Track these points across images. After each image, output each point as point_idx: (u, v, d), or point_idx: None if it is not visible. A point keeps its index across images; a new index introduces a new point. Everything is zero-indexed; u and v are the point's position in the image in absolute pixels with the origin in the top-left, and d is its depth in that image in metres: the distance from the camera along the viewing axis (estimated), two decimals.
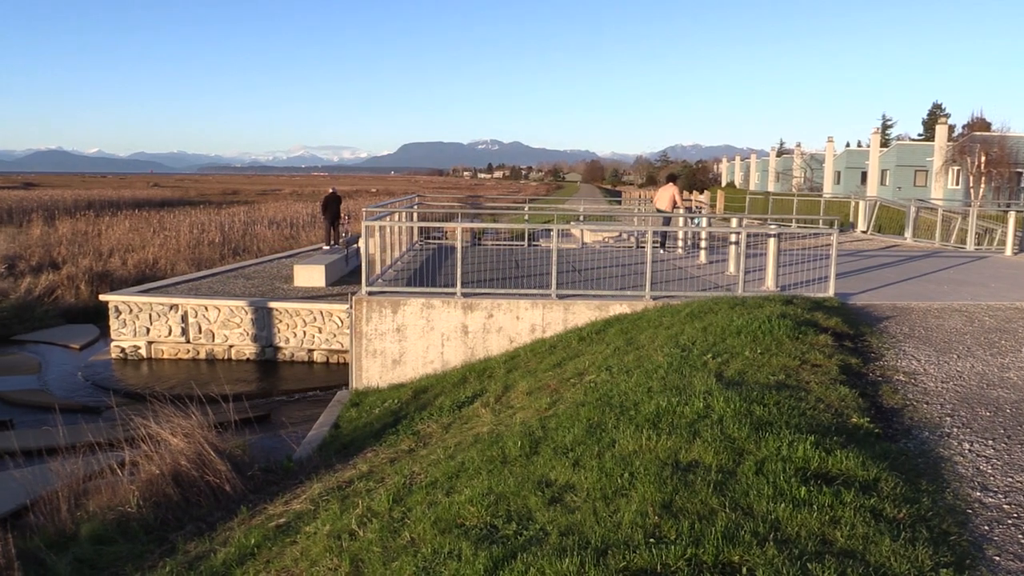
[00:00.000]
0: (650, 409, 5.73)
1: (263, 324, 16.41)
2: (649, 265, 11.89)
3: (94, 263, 25.23)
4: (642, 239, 19.25)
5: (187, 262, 26.75)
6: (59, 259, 26.65)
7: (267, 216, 43.83)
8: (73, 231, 34.82)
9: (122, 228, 35.57)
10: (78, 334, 18.97)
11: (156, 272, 24.78)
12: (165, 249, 28.74)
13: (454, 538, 4.32)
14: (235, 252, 30.51)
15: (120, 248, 28.95)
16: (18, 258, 26.10)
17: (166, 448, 8.01)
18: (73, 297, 21.81)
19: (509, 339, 11.80)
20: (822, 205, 30.14)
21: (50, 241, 31.18)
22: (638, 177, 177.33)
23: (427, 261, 15.65)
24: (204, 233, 33.83)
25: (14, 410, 13.30)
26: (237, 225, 38.18)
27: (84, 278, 22.94)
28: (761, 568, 3.50)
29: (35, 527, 7.39)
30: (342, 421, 10.56)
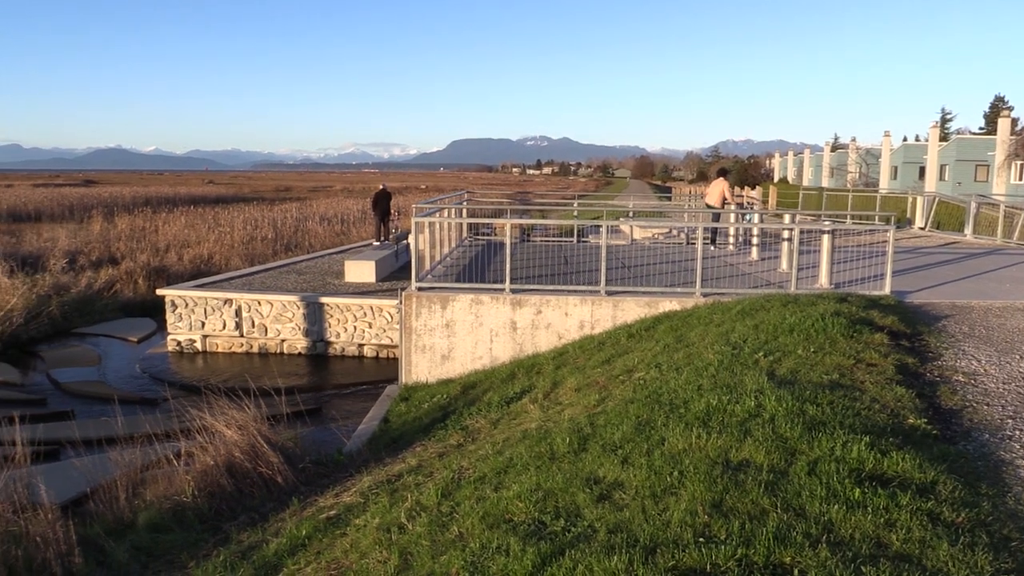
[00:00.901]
0: (700, 407, 5.68)
1: (314, 319, 16.63)
2: (699, 262, 11.77)
3: (151, 258, 25.84)
4: (692, 235, 19.06)
5: (241, 257, 27.24)
6: (118, 254, 27.36)
7: (318, 212, 44.43)
8: (131, 227, 35.72)
9: (178, 224, 36.35)
10: (136, 327, 19.45)
11: (211, 267, 25.28)
12: (220, 245, 29.30)
13: (502, 533, 4.33)
14: (287, 248, 30.98)
15: (176, 244, 29.60)
16: (79, 253, 26.84)
17: (220, 440, 8.17)
18: (131, 291, 22.36)
19: (558, 335, 11.79)
20: (878, 201, 29.52)
21: (109, 237, 32.02)
22: (688, 173, 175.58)
23: (476, 257, 15.71)
24: (257, 229, 34.41)
25: (75, 401, 13.69)
26: (289, 221, 38.76)
27: (142, 273, 23.50)
28: (813, 570, 3.45)
29: (95, 514, 7.59)
30: (391, 415, 10.66)
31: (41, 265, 23.32)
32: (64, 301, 19.73)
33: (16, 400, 13.49)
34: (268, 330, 16.78)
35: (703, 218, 18.44)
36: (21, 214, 46.21)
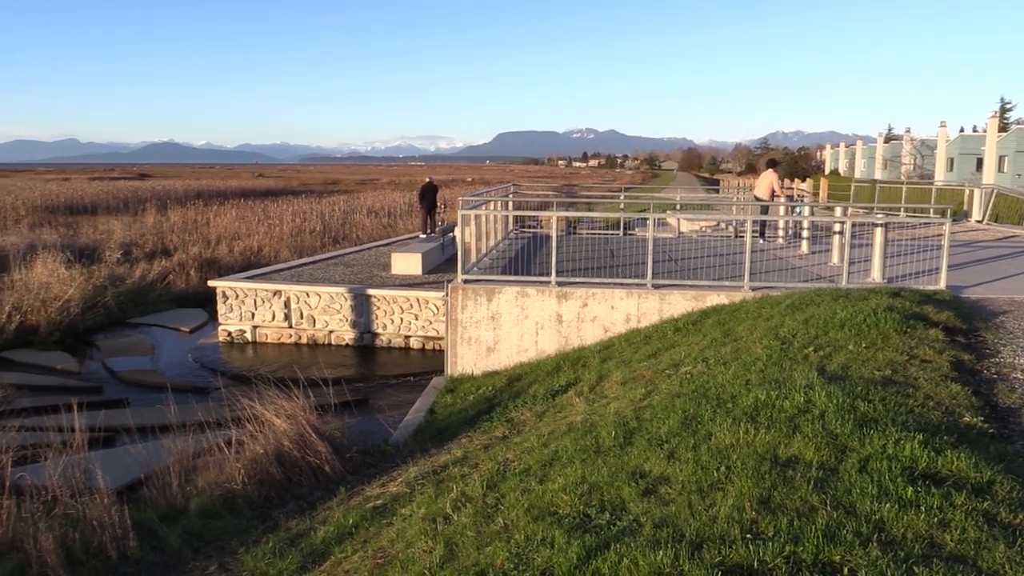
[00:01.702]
0: (748, 402, 5.61)
1: (362, 310, 16.80)
2: (748, 255, 11.62)
3: (203, 250, 26.32)
4: (741, 228, 18.84)
5: (290, 250, 27.62)
6: (171, 246, 27.93)
7: (366, 205, 44.83)
8: (184, 220, 36.42)
9: (229, 217, 36.94)
10: (188, 318, 19.84)
11: (260, 259, 25.67)
12: (269, 237, 29.72)
13: (547, 526, 4.33)
14: (335, 240, 31.32)
15: (227, 236, 30.09)
16: (133, 245, 27.47)
17: (270, 429, 8.30)
18: (184, 283, 22.81)
19: (603, 328, 11.74)
20: (933, 193, 28.82)
21: (163, 229, 32.71)
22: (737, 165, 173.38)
23: (522, 250, 15.71)
24: (306, 222, 34.83)
25: (129, 389, 14.03)
26: (337, 214, 39.17)
27: (194, 264, 23.96)
28: (864, 569, 3.39)
29: (148, 500, 7.78)
30: (437, 407, 10.73)
31: (97, 256, 23.93)
32: (119, 292, 20.21)
33: (74, 388, 13.87)
34: (316, 321, 16.99)
35: (752, 211, 18.21)
36: (78, 207, 47.37)
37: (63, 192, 54.61)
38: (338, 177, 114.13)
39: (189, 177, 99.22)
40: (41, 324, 17.21)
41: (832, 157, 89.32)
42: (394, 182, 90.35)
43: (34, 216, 40.02)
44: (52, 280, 18.69)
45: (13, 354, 16.06)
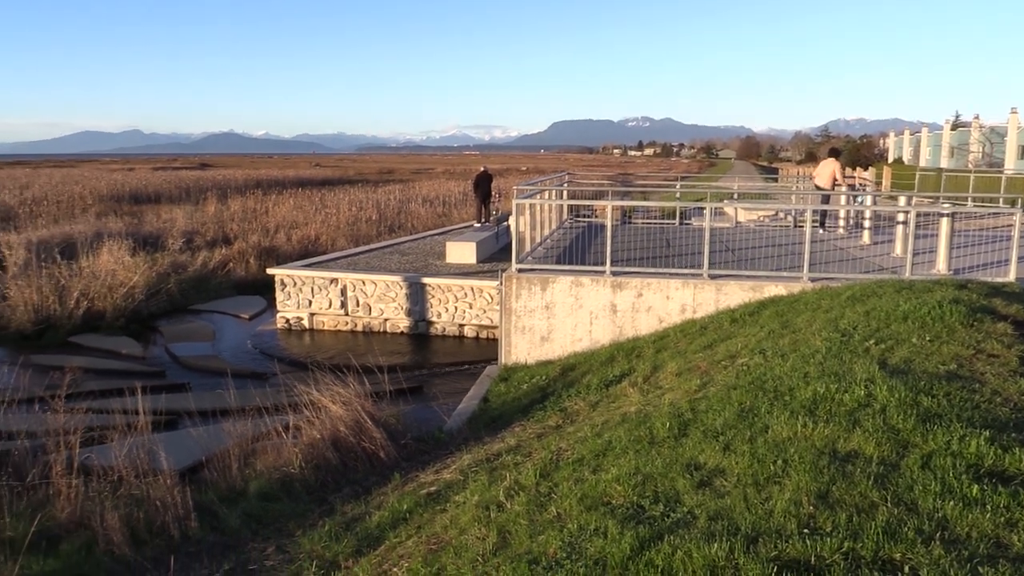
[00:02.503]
0: (806, 395, 5.51)
1: (417, 299, 16.93)
2: (807, 245, 11.41)
3: (262, 239, 26.78)
4: (800, 218, 18.49)
5: (346, 238, 27.94)
6: (231, 235, 28.48)
7: (421, 194, 45.10)
8: (243, 209, 37.07)
9: (287, 206, 37.50)
10: (247, 305, 20.23)
11: (318, 248, 26.03)
12: (326, 226, 30.10)
13: (600, 516, 4.32)
14: (391, 229, 31.60)
15: (285, 225, 30.56)
16: (195, 233, 28.08)
17: (326, 414, 8.43)
18: (243, 270, 23.25)
19: (658, 319, 11.65)
20: (1003, 182, 27.91)
21: (223, 218, 33.35)
22: (796, 153, 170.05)
23: (576, 239, 15.66)
24: (362, 211, 35.18)
25: (191, 374, 14.37)
26: (392, 203, 39.49)
27: (253, 253, 24.40)
28: (926, 568, 3.31)
29: (209, 482, 7.96)
30: (491, 395, 10.77)
31: (160, 244, 24.52)
32: (181, 279, 20.70)
33: (138, 372, 14.26)
34: (372, 309, 17.18)
35: (812, 200, 17.85)
36: (142, 196, 48.55)
37: (128, 182, 56.03)
38: (394, 166, 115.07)
39: (248, 167, 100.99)
40: (107, 310, 17.71)
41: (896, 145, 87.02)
42: (449, 171, 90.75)
43: (100, 205, 41.15)
44: (118, 267, 19.22)
45: (81, 339, 16.58)
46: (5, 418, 9.81)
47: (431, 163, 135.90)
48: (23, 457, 8.04)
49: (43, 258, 18.86)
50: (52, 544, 6.30)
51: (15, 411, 10.50)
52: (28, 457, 8.01)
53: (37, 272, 18.01)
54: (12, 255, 19.27)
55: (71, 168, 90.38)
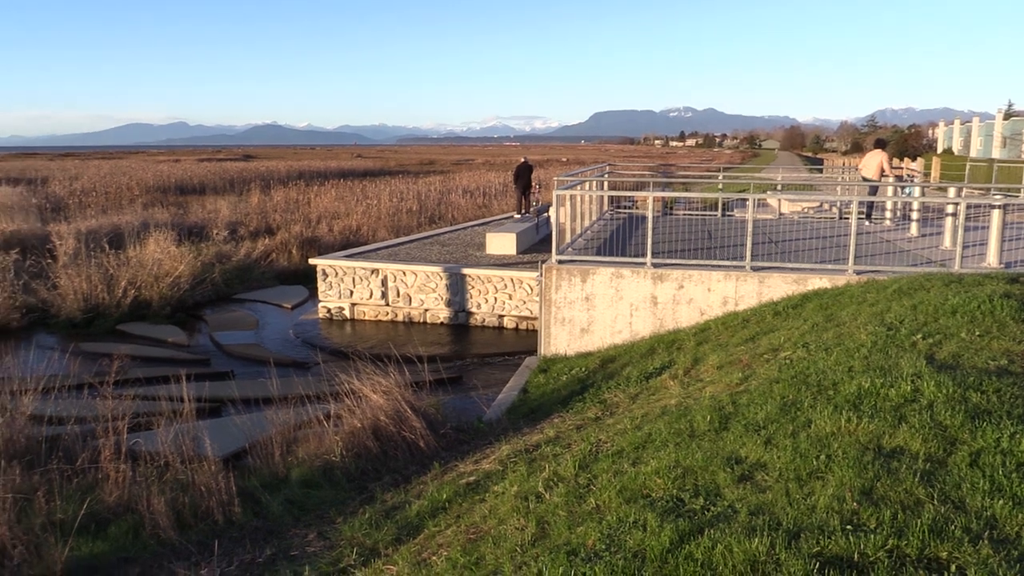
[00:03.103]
0: (851, 390, 5.43)
1: (456, 289, 16.99)
2: (853, 237, 11.22)
3: (304, 229, 27.07)
4: (845, 209, 18.19)
5: (387, 229, 28.13)
6: (274, 225, 28.83)
7: (461, 185, 45.21)
8: (286, 200, 37.51)
9: (329, 197, 37.84)
10: (290, 295, 20.47)
11: (359, 238, 26.24)
12: (367, 217, 30.32)
13: (639, 508, 4.30)
14: (431, 220, 31.74)
15: (327, 215, 30.85)
16: (239, 224, 28.47)
17: (367, 403, 8.50)
18: (286, 260, 23.53)
19: (699, 311, 11.55)
20: None
21: (266, 209, 33.77)
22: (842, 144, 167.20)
23: (617, 230, 15.58)
24: (403, 201, 35.38)
25: (234, 362, 14.59)
26: (433, 194, 39.65)
27: (295, 243, 24.69)
28: (973, 567, 3.24)
29: (252, 468, 8.09)
30: (530, 386, 10.78)
31: (205, 235, 24.90)
32: (225, 269, 21.00)
33: (184, 360, 14.52)
34: (412, 300, 17.28)
35: (858, 191, 17.54)
36: (187, 187, 49.36)
37: (173, 173, 56.99)
38: (434, 157, 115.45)
39: (291, 158, 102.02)
40: (154, 299, 18.05)
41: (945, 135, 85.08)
42: (489, 162, 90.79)
43: (147, 196, 41.93)
44: (164, 257, 19.56)
45: (128, 327, 16.93)
46: (56, 404, 10.06)
47: (471, 154, 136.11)
48: (73, 441, 8.25)
49: (92, 248, 19.27)
50: (100, 527, 6.45)
51: (65, 397, 10.76)
52: (78, 442, 8.21)
53: (86, 261, 18.42)
54: (63, 245, 19.71)
55: (119, 160, 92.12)
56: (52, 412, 9.76)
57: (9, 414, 8.41)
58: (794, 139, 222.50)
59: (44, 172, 58.37)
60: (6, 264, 18.28)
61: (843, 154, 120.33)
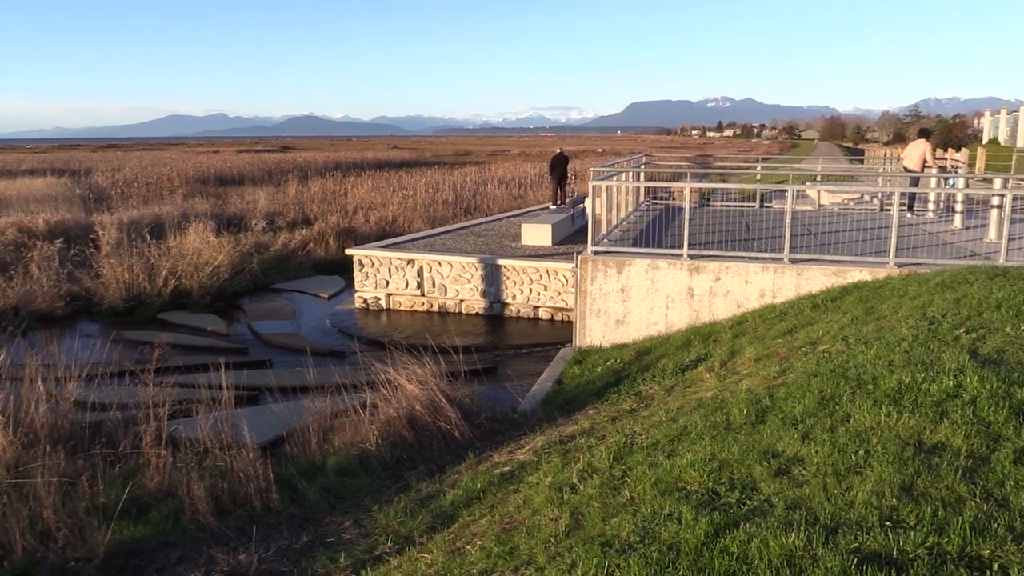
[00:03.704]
0: (891, 384, 5.35)
1: (492, 280, 17.02)
2: (894, 229, 11.03)
3: (341, 220, 27.27)
4: (887, 201, 17.89)
5: (423, 220, 28.24)
6: (311, 216, 29.08)
7: (496, 176, 45.21)
8: (323, 190, 37.80)
9: (365, 188, 38.07)
10: (326, 285, 20.66)
11: (395, 229, 26.37)
12: (403, 207, 30.46)
13: (674, 501, 4.29)
14: (467, 211, 31.80)
15: (363, 206, 31.04)
16: (277, 215, 28.77)
17: (402, 393, 8.56)
18: (323, 251, 23.74)
19: (736, 303, 11.45)
20: None
21: (303, 199, 34.06)
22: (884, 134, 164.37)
23: (653, 222, 15.49)
24: (438, 192, 35.48)
25: (272, 351, 14.77)
26: (469, 185, 39.70)
27: (332, 233, 24.90)
28: (1016, 566, 3.18)
29: (289, 456, 8.18)
30: (565, 378, 10.77)
31: (244, 225, 25.20)
32: (263, 259, 21.25)
33: (223, 348, 14.72)
34: (448, 290, 17.34)
35: (900, 182, 17.23)
36: (226, 178, 49.93)
37: (213, 164, 57.67)
38: (470, 148, 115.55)
39: (328, 149, 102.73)
40: (194, 288, 18.32)
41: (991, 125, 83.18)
42: (524, 153, 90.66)
43: (187, 187, 42.53)
44: (203, 247, 19.84)
45: (169, 315, 17.21)
46: (99, 390, 10.26)
47: (507, 145, 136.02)
48: (116, 427, 8.42)
49: (134, 238, 19.61)
50: (142, 511, 6.58)
51: (108, 384, 10.98)
52: (120, 428, 8.38)
53: (128, 251, 18.75)
54: (105, 235, 20.09)
55: (159, 151, 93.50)
56: (95, 399, 9.96)
57: (54, 400, 8.60)
58: (834, 129, 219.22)
59: (87, 163, 59.48)
60: (51, 254, 18.67)
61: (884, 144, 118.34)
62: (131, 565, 5.80)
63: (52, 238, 20.27)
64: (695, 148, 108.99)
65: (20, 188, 34.20)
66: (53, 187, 35.50)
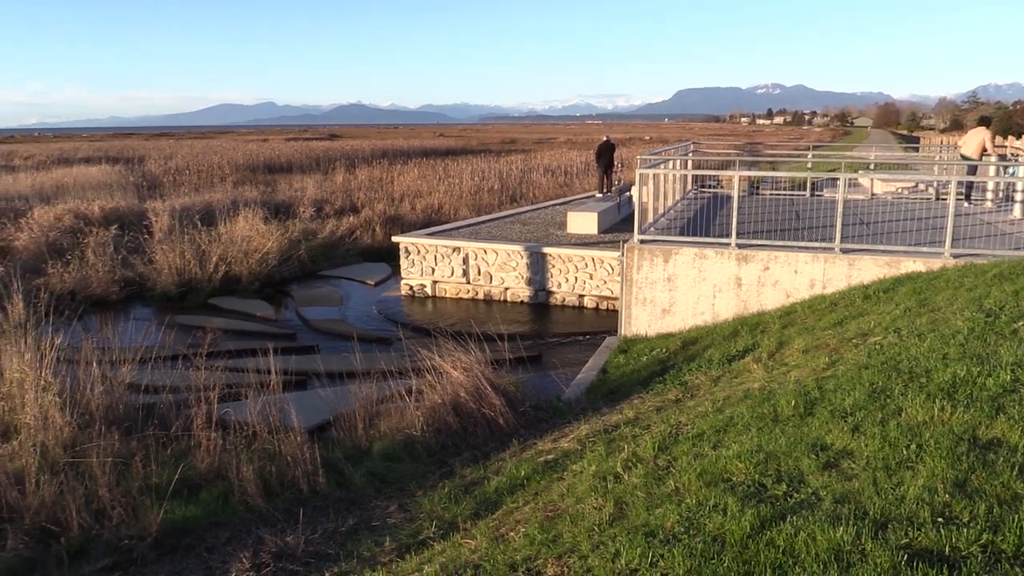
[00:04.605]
0: (945, 378, 5.22)
1: (537, 268, 17.00)
2: (951, 219, 10.76)
3: (387, 207, 27.45)
4: (943, 190, 17.46)
5: (468, 207, 28.30)
6: (358, 203, 29.32)
7: (542, 164, 45.10)
8: (370, 178, 38.09)
9: (411, 175, 38.27)
10: (373, 272, 20.84)
11: (441, 216, 26.47)
12: (449, 195, 30.55)
13: (719, 492, 4.24)
14: (512, 199, 31.78)
15: (409, 194, 31.21)
16: (324, 202, 29.07)
17: (447, 380, 8.60)
18: (369, 238, 23.94)
19: (785, 294, 11.29)
20: None
21: (350, 187, 34.36)
22: (940, 121, 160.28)
23: (701, 210, 15.31)
24: (484, 180, 35.51)
25: (320, 336, 14.95)
26: (514, 173, 39.67)
27: (379, 221, 25.08)
28: None
29: (336, 440, 8.28)
30: (610, 366, 10.73)
31: (292, 212, 25.52)
32: (311, 246, 21.50)
33: (271, 334, 14.95)
34: (493, 278, 17.37)
35: (957, 171, 16.80)
36: (275, 166, 50.58)
37: (262, 152, 58.46)
38: (516, 136, 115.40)
39: (375, 137, 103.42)
40: (243, 274, 18.62)
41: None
42: (571, 141, 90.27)
43: (237, 174, 43.19)
44: (253, 234, 20.13)
45: (219, 301, 17.52)
46: (152, 373, 10.50)
47: (553, 132, 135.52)
48: (168, 410, 8.61)
49: (185, 224, 19.99)
50: (192, 492, 6.72)
51: (161, 367, 11.22)
52: (172, 410, 8.56)
53: (180, 238, 19.12)
54: (158, 221, 20.51)
55: (210, 139, 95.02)
56: (148, 381, 10.19)
57: (109, 382, 8.82)
58: (888, 116, 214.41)
59: (140, 151, 60.73)
60: (106, 240, 19.12)
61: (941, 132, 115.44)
62: (182, 544, 5.93)
63: (107, 224, 20.75)
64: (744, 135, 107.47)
65: (76, 176, 35.05)
66: (108, 175, 36.32)
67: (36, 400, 7.79)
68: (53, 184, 31.93)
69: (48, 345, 8.66)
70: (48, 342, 8.73)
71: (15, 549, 5.80)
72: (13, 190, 29.95)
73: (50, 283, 16.45)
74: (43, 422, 7.53)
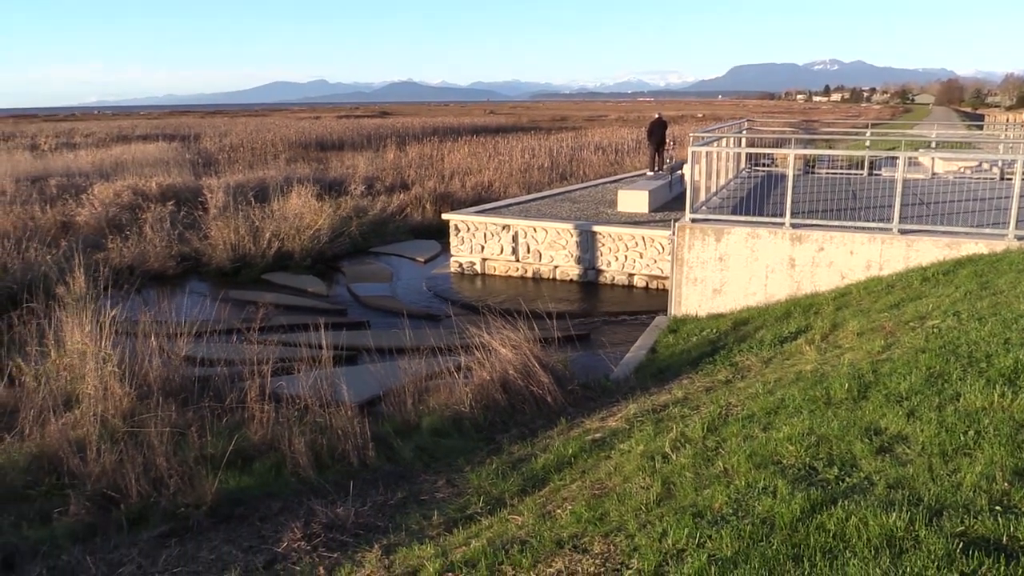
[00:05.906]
0: (1006, 363, 5.09)
1: (587, 247, 16.92)
2: (1016, 199, 10.43)
3: (437, 185, 27.52)
4: (1008, 170, 16.91)
5: (519, 185, 28.24)
6: (408, 181, 29.44)
7: (593, 142, 44.76)
8: (420, 155, 38.20)
9: (462, 153, 38.27)
10: (423, 249, 20.95)
11: (491, 194, 26.46)
12: (499, 173, 30.51)
13: (769, 474, 4.21)
14: (562, 176, 31.62)
15: (460, 171, 31.23)
16: (375, 179, 29.26)
17: (496, 357, 8.64)
18: (419, 215, 24.05)
19: (840, 275, 11.07)
20: None
21: (401, 164, 34.51)
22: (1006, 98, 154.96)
23: (754, 189, 15.07)
24: (534, 158, 35.38)
25: (370, 312, 15.10)
26: (565, 150, 39.45)
27: (429, 198, 25.17)
28: None
29: (385, 415, 8.39)
30: (659, 346, 10.66)
31: (343, 189, 25.73)
32: (362, 222, 21.67)
33: (323, 309, 15.14)
34: (542, 256, 17.34)
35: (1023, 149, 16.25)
36: (327, 143, 50.97)
37: (314, 129, 58.93)
38: (566, 113, 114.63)
39: (425, 115, 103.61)
40: (295, 250, 18.87)
41: None
42: (622, 118, 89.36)
43: (290, 152, 43.63)
44: (305, 210, 20.37)
45: (272, 276, 17.79)
46: (207, 347, 10.72)
47: (604, 110, 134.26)
48: (222, 382, 8.80)
49: (239, 201, 20.30)
50: (246, 462, 6.88)
51: (216, 340, 11.46)
52: (227, 383, 8.75)
53: (234, 214, 19.43)
54: (213, 198, 20.87)
55: (264, 117, 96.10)
56: (204, 354, 10.40)
57: (166, 355, 9.05)
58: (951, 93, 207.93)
59: (196, 129, 61.68)
60: (163, 215, 19.52)
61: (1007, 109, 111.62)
62: (236, 513, 6.08)
63: (164, 201, 21.16)
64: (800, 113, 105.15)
65: (135, 152, 35.79)
66: (164, 152, 37.02)
67: (96, 371, 8.03)
68: (112, 161, 32.64)
69: (108, 318, 8.90)
70: (108, 315, 8.97)
71: (77, 514, 6.00)
72: (74, 167, 30.71)
73: (110, 258, 16.87)
74: (103, 392, 7.77)
